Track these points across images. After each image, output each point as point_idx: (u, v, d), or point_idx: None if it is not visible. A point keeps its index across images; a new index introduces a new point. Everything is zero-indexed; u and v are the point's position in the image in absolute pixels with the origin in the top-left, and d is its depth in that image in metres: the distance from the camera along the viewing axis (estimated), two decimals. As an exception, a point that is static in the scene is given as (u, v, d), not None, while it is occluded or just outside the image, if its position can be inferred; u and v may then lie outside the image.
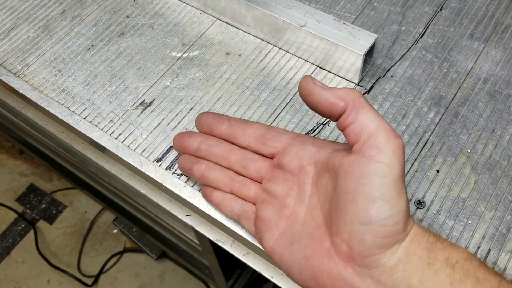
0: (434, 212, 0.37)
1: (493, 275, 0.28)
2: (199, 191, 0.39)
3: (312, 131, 0.42)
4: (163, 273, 1.25)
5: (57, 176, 1.38)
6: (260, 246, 0.36)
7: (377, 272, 0.28)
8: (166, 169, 0.40)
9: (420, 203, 0.37)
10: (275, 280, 0.41)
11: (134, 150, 0.41)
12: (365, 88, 0.44)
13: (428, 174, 0.39)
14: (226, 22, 0.49)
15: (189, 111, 0.43)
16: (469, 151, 0.40)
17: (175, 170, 0.40)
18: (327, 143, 0.33)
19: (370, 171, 0.28)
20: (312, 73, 0.45)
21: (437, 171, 0.39)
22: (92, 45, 0.48)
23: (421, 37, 0.47)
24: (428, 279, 0.27)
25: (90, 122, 0.43)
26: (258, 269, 0.41)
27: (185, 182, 0.39)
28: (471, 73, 0.44)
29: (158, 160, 0.41)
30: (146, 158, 0.41)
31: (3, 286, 1.25)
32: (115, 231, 1.31)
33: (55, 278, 1.25)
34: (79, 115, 0.43)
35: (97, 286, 1.24)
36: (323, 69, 0.45)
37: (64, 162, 1.05)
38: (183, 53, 0.47)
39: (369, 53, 0.43)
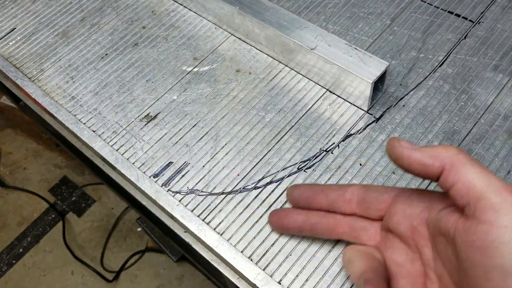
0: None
1: None
2: (192, 211, 0.38)
3: (314, 157, 0.40)
4: (182, 276, 1.25)
5: (89, 170, 1.42)
6: None
7: None
8: (161, 186, 0.40)
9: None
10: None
11: (133, 163, 0.41)
12: (374, 117, 0.42)
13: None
14: (240, 39, 0.48)
15: (192, 127, 0.43)
16: (478, 192, 0.37)
17: (171, 187, 0.40)
18: (435, 196, 0.30)
19: (494, 240, 0.24)
20: (321, 96, 0.44)
21: (440, 212, 0.37)
22: (106, 54, 0.48)
23: (440, 65, 0.44)
24: None
25: (94, 131, 0.43)
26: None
27: (179, 201, 0.39)
28: (491, 108, 0.42)
29: (155, 175, 0.41)
30: (144, 172, 0.41)
31: (30, 272, 1.30)
32: (139, 229, 1.33)
33: (78, 270, 1.28)
34: (84, 123, 0.44)
35: (117, 282, 1.26)
36: (333, 93, 0.44)
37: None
38: (194, 68, 0.47)
39: (381, 81, 0.41)
